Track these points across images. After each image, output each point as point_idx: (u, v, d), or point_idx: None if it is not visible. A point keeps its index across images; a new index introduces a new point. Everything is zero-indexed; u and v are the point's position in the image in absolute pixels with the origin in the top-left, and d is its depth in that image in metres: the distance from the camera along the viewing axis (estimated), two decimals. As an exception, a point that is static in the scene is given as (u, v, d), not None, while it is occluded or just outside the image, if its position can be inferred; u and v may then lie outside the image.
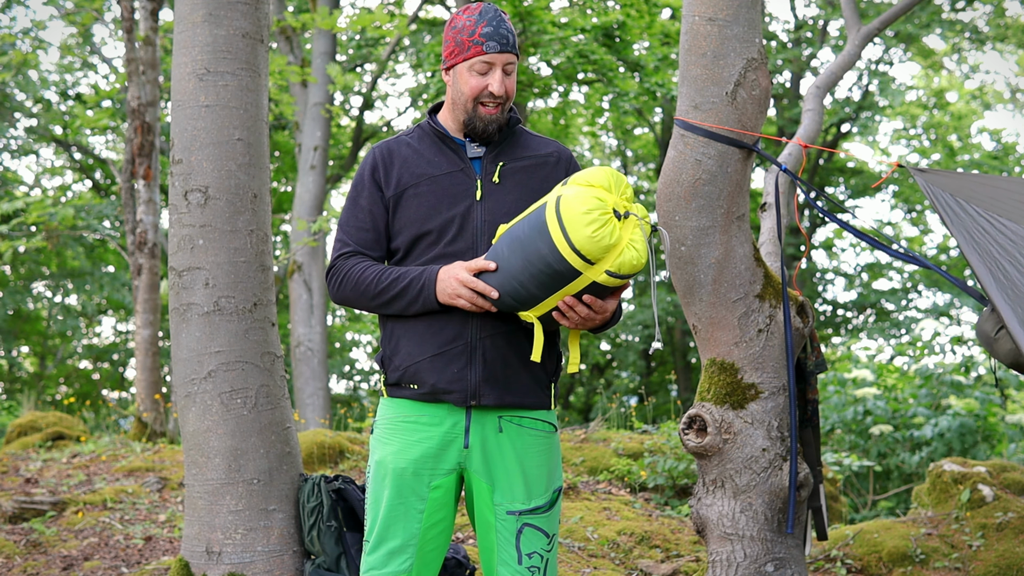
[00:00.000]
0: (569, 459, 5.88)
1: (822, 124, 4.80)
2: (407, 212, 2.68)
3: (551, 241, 2.44)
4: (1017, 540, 4.37)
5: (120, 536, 4.60)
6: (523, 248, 2.48)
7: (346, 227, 2.73)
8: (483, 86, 2.64)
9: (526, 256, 2.47)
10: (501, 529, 2.66)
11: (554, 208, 2.46)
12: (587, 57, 12.19)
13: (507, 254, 2.51)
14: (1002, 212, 2.70)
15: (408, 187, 2.68)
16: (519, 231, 2.51)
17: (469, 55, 2.64)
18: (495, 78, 2.64)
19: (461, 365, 2.61)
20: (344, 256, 2.70)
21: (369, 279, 2.64)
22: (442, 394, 2.62)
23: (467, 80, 2.65)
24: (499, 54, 2.63)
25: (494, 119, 2.66)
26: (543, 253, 2.45)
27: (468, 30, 2.65)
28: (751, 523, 2.82)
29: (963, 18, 18.31)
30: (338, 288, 2.69)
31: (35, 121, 16.58)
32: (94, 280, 16.53)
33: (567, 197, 2.45)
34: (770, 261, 3.36)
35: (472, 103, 2.66)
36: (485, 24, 2.64)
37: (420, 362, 2.62)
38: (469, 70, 2.65)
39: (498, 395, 2.62)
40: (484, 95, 2.65)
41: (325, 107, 12.28)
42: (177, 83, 3.57)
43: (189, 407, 3.50)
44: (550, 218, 2.45)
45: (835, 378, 9.38)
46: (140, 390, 7.87)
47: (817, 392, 2.98)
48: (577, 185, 2.49)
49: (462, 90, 2.67)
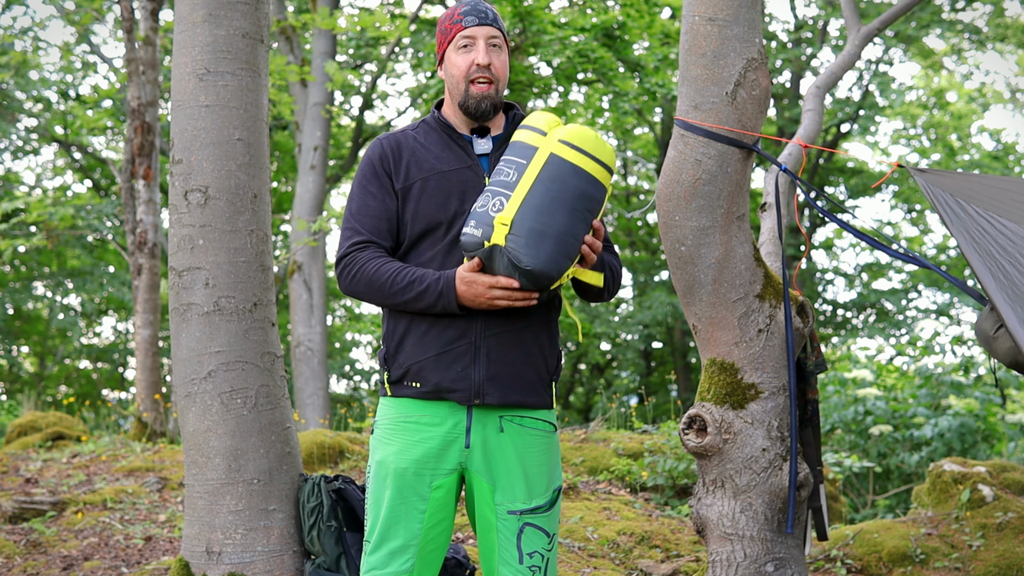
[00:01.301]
0: (569, 459, 5.88)
1: (822, 124, 4.80)
2: (416, 206, 2.67)
3: (587, 174, 2.56)
4: (1017, 540, 4.37)
5: (120, 536, 4.60)
6: (562, 203, 2.53)
7: (358, 216, 2.69)
8: (469, 61, 2.69)
9: (570, 206, 2.54)
10: (502, 529, 2.66)
11: (571, 148, 2.56)
12: (587, 57, 12.20)
13: (548, 221, 2.52)
14: (1002, 212, 2.70)
15: (417, 180, 2.68)
16: (544, 196, 2.53)
17: (452, 35, 2.72)
18: (479, 50, 2.69)
19: (465, 364, 2.61)
20: (358, 247, 2.67)
21: (384, 277, 2.61)
22: (446, 393, 2.61)
23: (455, 62, 2.71)
24: (478, 27, 2.70)
25: (486, 95, 2.69)
26: (584, 190, 2.56)
27: (449, 17, 2.74)
28: (751, 523, 2.82)
29: (963, 18, 18.32)
30: (350, 281, 2.66)
31: (35, 121, 16.59)
32: (94, 280, 16.53)
33: (574, 133, 2.57)
34: (770, 261, 3.36)
35: (464, 83, 2.69)
36: (463, 6, 2.73)
37: (424, 360, 2.62)
38: (455, 51, 2.71)
39: (502, 394, 2.62)
40: (472, 71, 2.68)
41: (325, 107, 12.29)
42: (177, 83, 3.57)
43: (189, 407, 3.50)
44: (575, 157, 2.56)
45: (835, 378, 9.39)
46: (140, 390, 7.87)
47: (817, 392, 2.98)
48: (551, 125, 2.60)
49: (452, 73, 2.72)
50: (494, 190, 2.56)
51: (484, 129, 2.75)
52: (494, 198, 2.55)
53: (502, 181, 2.56)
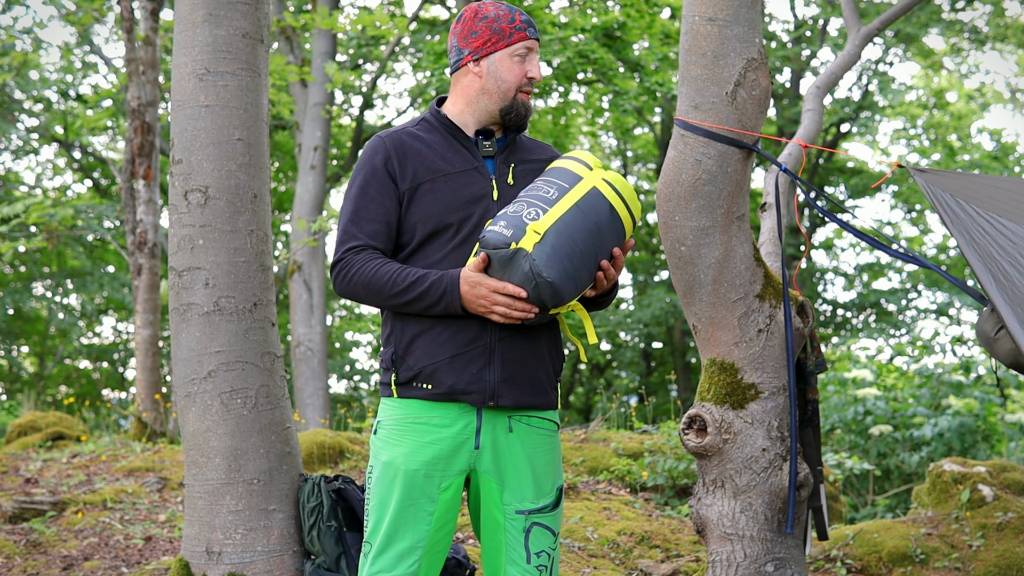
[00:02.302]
0: (569, 459, 5.88)
1: (822, 124, 4.80)
2: (422, 207, 2.64)
3: (618, 217, 2.62)
4: (1017, 540, 4.37)
5: (120, 536, 4.60)
6: (591, 234, 2.58)
7: (354, 219, 2.65)
8: (524, 72, 2.69)
9: (596, 239, 2.59)
10: (510, 528, 2.65)
11: (612, 189, 2.61)
12: (587, 57, 12.20)
13: (575, 246, 2.55)
14: (1002, 212, 2.70)
15: (424, 182, 2.65)
16: (579, 221, 2.56)
17: (512, 40, 2.68)
18: (534, 63, 2.71)
19: (480, 366, 2.59)
20: (354, 250, 2.63)
21: (384, 279, 2.58)
22: (460, 395, 2.59)
23: (510, 67, 2.69)
24: (534, 40, 2.72)
25: (528, 105, 2.72)
26: (612, 229, 2.62)
27: (506, 18, 2.69)
28: (751, 523, 2.82)
29: (963, 18, 18.30)
30: (347, 283, 2.62)
31: (35, 121, 16.59)
32: (94, 280, 16.53)
33: (616, 179, 2.64)
34: (770, 261, 3.36)
35: (515, 91, 2.69)
36: (520, 14, 2.72)
37: (438, 362, 2.59)
38: (511, 56, 2.69)
39: (516, 396, 2.62)
40: (525, 83, 2.70)
41: (325, 107, 12.28)
42: (177, 83, 3.57)
43: (189, 407, 3.50)
44: (613, 199, 2.61)
45: (835, 378, 9.39)
46: (140, 390, 7.87)
47: (817, 392, 2.98)
48: (597, 164, 2.65)
49: (504, 77, 2.69)
50: (530, 200, 2.56)
51: (489, 132, 2.72)
52: (529, 207, 2.54)
53: (540, 196, 2.57)
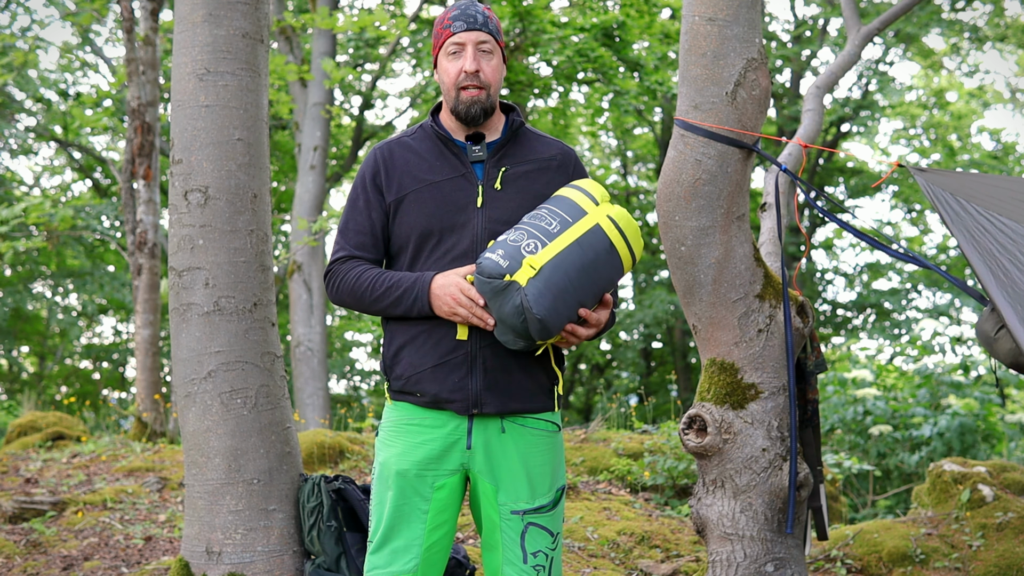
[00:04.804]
0: (569, 459, 5.88)
1: (822, 124, 4.80)
2: (408, 217, 2.69)
3: (617, 256, 2.61)
4: (1017, 540, 4.37)
5: (120, 536, 4.60)
6: (587, 273, 2.56)
7: (344, 230, 2.76)
8: (458, 68, 2.69)
9: (592, 279, 2.57)
10: (506, 528, 2.67)
11: (615, 227, 2.60)
12: (587, 57, 12.20)
13: (569, 285, 2.53)
14: (1002, 211, 2.70)
15: (409, 192, 2.70)
16: (577, 259, 2.55)
17: (441, 41, 2.73)
18: (467, 56, 2.68)
19: (462, 374, 2.61)
20: (341, 260, 2.74)
21: (364, 285, 2.67)
22: (444, 403, 2.63)
23: (446, 67, 2.72)
24: (467, 32, 2.69)
25: (476, 100, 2.68)
26: (609, 268, 2.60)
27: (441, 22, 2.75)
28: (751, 523, 2.82)
29: (963, 18, 18.31)
30: (335, 291, 2.74)
31: (35, 121, 16.59)
32: (94, 280, 16.53)
33: (621, 216, 2.61)
34: (770, 261, 3.36)
35: (454, 90, 2.70)
36: (454, 10, 2.73)
37: (421, 372, 2.63)
38: (445, 57, 2.72)
39: (500, 403, 2.63)
40: (461, 79, 2.68)
41: (325, 107, 12.28)
42: (177, 83, 3.57)
43: (189, 407, 3.50)
44: (615, 236, 2.60)
45: (835, 378, 9.39)
46: (140, 390, 7.87)
47: (817, 392, 2.98)
48: (603, 199, 2.64)
49: (444, 80, 2.74)
50: (530, 231, 2.55)
51: (479, 136, 2.73)
52: (529, 239, 2.54)
53: (542, 227, 2.56)
